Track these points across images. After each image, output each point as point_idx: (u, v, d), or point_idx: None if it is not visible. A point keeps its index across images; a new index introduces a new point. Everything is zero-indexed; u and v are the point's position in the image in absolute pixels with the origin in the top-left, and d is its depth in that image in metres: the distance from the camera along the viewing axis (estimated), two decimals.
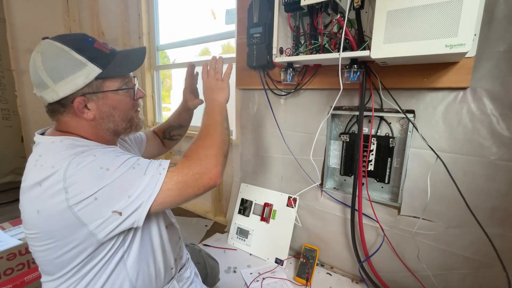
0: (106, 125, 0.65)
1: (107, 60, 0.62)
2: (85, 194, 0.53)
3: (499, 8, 0.87)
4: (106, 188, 0.54)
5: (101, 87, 0.62)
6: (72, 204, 0.53)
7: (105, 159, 0.56)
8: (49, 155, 0.58)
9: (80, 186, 0.53)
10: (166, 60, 2.41)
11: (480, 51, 0.90)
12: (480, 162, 0.95)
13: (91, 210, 0.54)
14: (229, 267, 1.34)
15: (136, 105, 0.72)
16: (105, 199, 0.54)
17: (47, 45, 0.59)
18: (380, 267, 1.19)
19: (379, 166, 1.16)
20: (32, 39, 2.58)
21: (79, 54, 0.58)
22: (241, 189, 1.62)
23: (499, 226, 0.95)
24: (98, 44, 0.63)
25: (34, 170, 0.57)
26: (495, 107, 0.92)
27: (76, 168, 0.53)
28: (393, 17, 0.81)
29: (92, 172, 0.54)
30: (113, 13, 2.39)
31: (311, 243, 1.37)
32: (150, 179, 0.57)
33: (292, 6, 1.03)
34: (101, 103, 0.63)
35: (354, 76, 1.01)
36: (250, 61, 1.33)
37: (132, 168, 0.57)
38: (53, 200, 0.53)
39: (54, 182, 0.53)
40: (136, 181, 0.56)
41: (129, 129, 0.71)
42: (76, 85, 0.59)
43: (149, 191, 0.56)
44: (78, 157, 0.55)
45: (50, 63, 0.58)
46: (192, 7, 2.11)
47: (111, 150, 0.60)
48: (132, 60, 0.68)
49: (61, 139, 0.61)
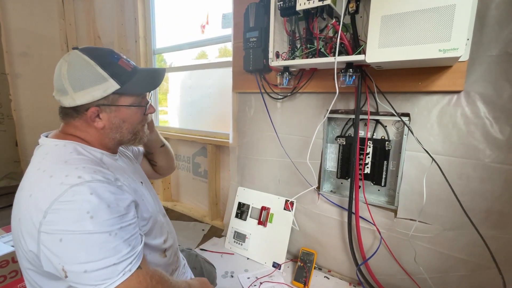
0: (113, 135, 0.67)
1: (127, 77, 0.65)
2: (56, 228, 0.50)
3: (491, 13, 0.89)
4: (75, 237, 0.50)
5: (116, 101, 0.65)
6: (42, 231, 0.50)
7: (97, 204, 0.52)
8: (51, 160, 0.58)
9: (58, 218, 0.50)
10: (163, 63, 2.41)
11: (473, 55, 0.92)
12: (475, 165, 0.96)
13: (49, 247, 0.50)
14: (226, 272, 1.33)
15: (145, 119, 0.74)
16: (66, 247, 0.50)
17: (75, 56, 0.62)
18: (378, 270, 1.19)
19: (375, 169, 1.17)
20: (27, 43, 2.56)
21: (103, 69, 0.61)
22: (238, 192, 1.61)
23: (494, 228, 0.95)
24: (122, 61, 0.66)
25: (33, 176, 0.57)
26: (488, 110, 0.93)
27: (67, 200, 0.51)
28: (388, 22, 0.82)
29: (77, 212, 0.51)
30: (109, 16, 2.38)
31: (308, 246, 1.36)
32: (113, 271, 0.51)
33: (288, 10, 1.04)
34: (113, 115, 0.65)
35: (349, 80, 1.02)
36: (247, 65, 1.34)
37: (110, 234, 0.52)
38: (31, 216, 0.52)
39: (42, 201, 0.51)
40: (103, 256, 0.51)
41: (133, 141, 0.73)
42: (94, 97, 0.61)
43: (102, 280, 0.50)
44: (78, 186, 0.52)
45: (74, 73, 0.61)
46: (188, 11, 2.11)
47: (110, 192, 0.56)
48: (149, 81, 0.71)
49: (65, 144, 0.61)
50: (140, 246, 0.58)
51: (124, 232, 0.55)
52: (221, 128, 1.94)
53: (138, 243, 0.58)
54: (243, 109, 1.57)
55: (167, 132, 2.23)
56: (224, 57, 1.94)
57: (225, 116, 1.84)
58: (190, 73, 2.17)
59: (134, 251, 0.55)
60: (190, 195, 2.23)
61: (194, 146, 2.10)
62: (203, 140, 1.93)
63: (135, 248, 0.56)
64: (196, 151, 2.11)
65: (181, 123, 2.30)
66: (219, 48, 2.00)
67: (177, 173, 2.28)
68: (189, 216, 2.05)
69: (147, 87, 0.70)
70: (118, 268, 0.52)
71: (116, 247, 0.52)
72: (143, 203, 0.68)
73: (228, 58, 1.78)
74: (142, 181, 0.77)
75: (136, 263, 0.55)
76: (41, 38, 2.65)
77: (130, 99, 0.67)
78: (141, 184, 0.75)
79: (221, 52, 2.00)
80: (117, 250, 0.52)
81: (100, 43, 2.54)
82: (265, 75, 1.38)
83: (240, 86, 1.52)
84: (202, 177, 2.09)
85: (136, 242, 0.57)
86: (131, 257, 0.54)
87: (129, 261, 0.54)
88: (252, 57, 1.31)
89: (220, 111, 1.97)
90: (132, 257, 0.54)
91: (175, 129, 2.25)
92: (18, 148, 2.64)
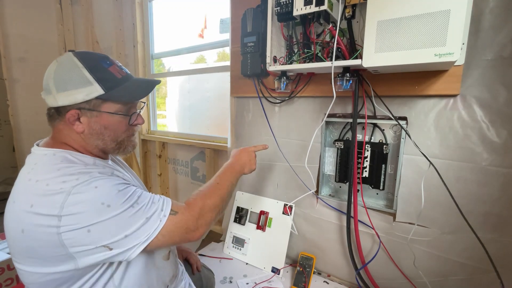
0: (94, 142, 0.66)
1: (114, 84, 0.64)
2: (79, 225, 0.52)
3: (485, 17, 0.90)
4: (103, 223, 0.53)
5: (99, 107, 0.63)
6: (62, 232, 0.52)
7: (107, 193, 0.55)
8: (41, 170, 0.57)
9: (76, 218, 0.52)
10: (161, 67, 2.42)
11: (468, 59, 0.93)
12: (472, 168, 0.97)
13: (79, 239, 0.52)
14: (225, 277, 1.32)
15: (131, 130, 0.71)
16: (99, 232, 0.53)
17: (66, 58, 0.63)
18: (377, 274, 1.18)
19: (373, 173, 1.17)
20: (25, 48, 2.57)
21: (90, 73, 0.61)
22: (236, 197, 1.61)
23: (492, 232, 0.95)
24: (114, 68, 0.65)
25: (26, 186, 0.56)
26: (484, 113, 0.94)
27: (76, 200, 0.52)
28: (384, 27, 0.83)
29: (92, 207, 0.53)
30: (108, 22, 2.39)
31: (307, 251, 1.36)
32: (151, 224, 0.58)
33: (285, 16, 1.05)
34: (93, 120, 0.64)
35: (346, 84, 1.02)
36: (245, 70, 1.34)
37: (132, 207, 0.57)
38: (42, 224, 0.52)
39: (49, 208, 0.52)
40: (136, 222, 0.57)
41: (117, 151, 0.70)
42: (75, 99, 0.61)
43: (146, 235, 0.57)
44: (80, 185, 0.54)
45: (60, 74, 0.61)
46: (186, 16, 2.13)
47: (112, 182, 0.58)
48: (137, 90, 0.68)
49: (54, 152, 0.61)
50: (161, 198, 0.64)
51: (141, 201, 0.60)
52: (219, 132, 1.94)
53: (158, 198, 0.63)
54: (241, 113, 1.57)
55: (166, 136, 2.23)
56: (222, 61, 1.95)
57: (223, 120, 1.84)
58: (189, 77, 2.17)
59: (159, 202, 0.62)
60: None
61: (192, 151, 2.09)
62: (201, 144, 1.92)
63: (159, 200, 0.63)
64: (194, 156, 2.10)
65: (179, 127, 2.30)
66: (217, 52, 2.00)
67: (175, 177, 2.28)
68: None
69: (133, 96, 0.67)
70: (153, 218, 0.59)
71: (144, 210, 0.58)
72: None
73: (226, 63, 1.79)
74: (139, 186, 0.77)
75: (167, 207, 0.62)
76: (39, 43, 2.66)
77: (115, 106, 0.65)
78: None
79: (219, 56, 2.01)
80: (145, 212, 0.58)
81: (98, 48, 2.55)
82: (263, 79, 1.38)
83: (238, 91, 1.53)
84: (200, 181, 2.08)
85: (156, 198, 0.63)
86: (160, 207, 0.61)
87: (160, 207, 0.61)
88: (249, 62, 1.31)
89: (218, 115, 1.97)
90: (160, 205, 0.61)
91: (174, 133, 2.25)
92: (15, 153, 2.63)
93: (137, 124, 0.73)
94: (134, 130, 0.72)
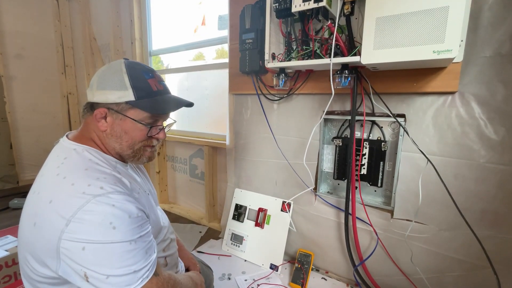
0: (112, 143, 0.68)
1: (146, 94, 0.66)
2: (78, 237, 0.52)
3: (484, 14, 0.90)
4: (98, 246, 0.52)
5: (125, 111, 0.66)
6: (63, 238, 0.52)
7: (119, 216, 0.55)
8: (70, 167, 0.59)
9: (81, 227, 0.52)
10: (160, 64, 2.41)
11: (467, 56, 0.92)
12: (470, 165, 0.97)
13: (70, 254, 0.52)
14: (223, 274, 1.32)
15: (149, 141, 0.71)
16: (89, 255, 0.52)
17: (116, 62, 0.68)
18: (375, 271, 1.19)
19: (371, 170, 1.17)
20: (22, 45, 2.54)
21: (129, 79, 0.65)
22: (235, 194, 1.61)
23: (489, 228, 0.96)
24: (153, 81, 0.68)
25: (53, 181, 0.57)
26: (482, 111, 0.94)
27: (91, 210, 0.53)
28: (382, 24, 0.83)
29: (100, 223, 0.53)
30: (105, 18, 2.37)
31: (305, 248, 1.36)
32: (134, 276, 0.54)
33: (283, 12, 1.04)
34: (117, 122, 0.66)
35: (345, 81, 1.02)
36: (243, 67, 1.34)
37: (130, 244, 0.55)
38: (52, 222, 0.53)
39: (65, 209, 0.53)
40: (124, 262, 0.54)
41: (132, 158, 0.71)
42: (107, 99, 0.64)
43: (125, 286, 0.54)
44: (101, 197, 0.55)
45: (105, 74, 0.66)
46: (184, 12, 2.11)
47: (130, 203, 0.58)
48: (163, 105, 0.70)
49: (83, 149, 0.64)
50: (155, 254, 0.61)
51: (142, 240, 0.58)
52: (217, 129, 1.93)
53: (153, 250, 0.61)
54: (240, 111, 1.56)
55: None
56: (221, 59, 1.94)
57: (221, 118, 1.84)
58: (187, 75, 2.16)
59: (150, 258, 0.58)
60: (187, 197, 2.22)
61: (191, 148, 2.09)
62: (200, 141, 1.92)
63: (151, 255, 0.59)
64: (193, 153, 2.10)
65: (178, 125, 2.29)
66: (216, 49, 1.99)
67: (174, 175, 2.27)
68: (186, 218, 2.04)
69: (156, 108, 0.68)
70: (137, 275, 0.55)
71: (136, 255, 0.55)
72: (151, 214, 0.71)
73: (224, 60, 1.78)
74: (149, 193, 0.77)
75: (152, 269, 0.58)
76: (36, 40, 2.63)
77: (140, 115, 0.66)
78: (148, 195, 0.75)
79: (218, 53, 2.00)
80: (137, 258, 0.55)
81: (95, 45, 2.52)
82: (261, 76, 1.38)
83: (237, 88, 1.52)
84: (199, 179, 2.08)
85: (151, 250, 0.60)
86: (149, 264, 0.57)
87: (147, 268, 0.57)
88: (248, 59, 1.31)
89: (217, 112, 1.96)
90: (149, 264, 0.57)
91: (172, 131, 2.24)
92: (13, 150, 2.61)
93: (157, 138, 0.73)
94: (152, 142, 0.72)
